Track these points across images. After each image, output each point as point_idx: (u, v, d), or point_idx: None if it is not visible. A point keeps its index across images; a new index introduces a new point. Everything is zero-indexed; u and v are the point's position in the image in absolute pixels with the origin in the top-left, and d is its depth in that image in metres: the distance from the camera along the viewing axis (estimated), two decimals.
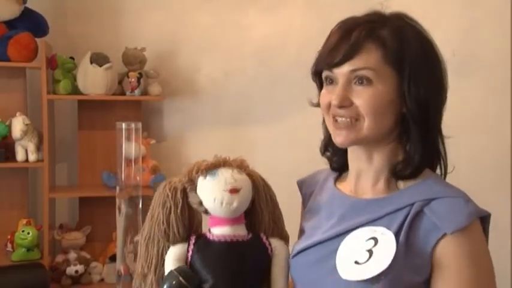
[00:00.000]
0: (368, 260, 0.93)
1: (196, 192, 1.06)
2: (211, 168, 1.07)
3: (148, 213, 1.10)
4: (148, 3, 2.72)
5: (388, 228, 0.96)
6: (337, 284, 0.96)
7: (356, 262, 0.94)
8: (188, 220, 1.08)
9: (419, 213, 0.96)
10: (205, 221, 1.09)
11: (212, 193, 1.04)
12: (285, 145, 2.76)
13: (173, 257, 1.05)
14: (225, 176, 1.05)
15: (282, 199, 1.23)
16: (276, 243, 1.09)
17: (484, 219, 0.98)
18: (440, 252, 0.94)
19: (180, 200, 1.07)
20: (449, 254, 0.93)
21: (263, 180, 1.12)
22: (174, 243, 1.06)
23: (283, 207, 1.23)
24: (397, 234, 0.94)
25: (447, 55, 1.05)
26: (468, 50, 2.80)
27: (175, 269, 1.02)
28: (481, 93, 2.83)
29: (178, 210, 1.06)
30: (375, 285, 0.92)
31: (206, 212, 1.06)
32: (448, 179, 1.06)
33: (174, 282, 0.99)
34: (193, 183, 1.07)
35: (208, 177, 1.05)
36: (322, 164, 1.18)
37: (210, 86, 2.77)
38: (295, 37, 2.72)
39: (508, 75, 2.86)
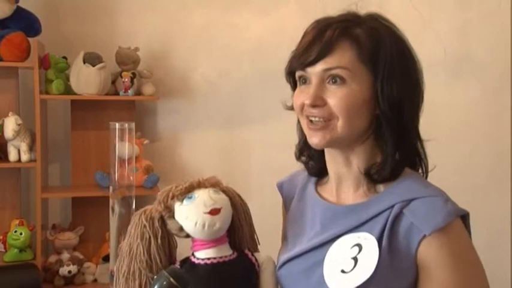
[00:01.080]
0: (354, 268, 0.92)
1: (174, 219, 1.03)
2: (186, 192, 1.03)
3: (123, 247, 1.06)
4: (142, 3, 2.71)
5: (371, 233, 0.94)
6: None
7: (342, 271, 0.93)
8: (168, 247, 1.05)
9: (399, 215, 0.95)
10: (182, 244, 1.08)
11: (192, 217, 1.01)
12: (279, 145, 2.75)
13: None
14: (203, 197, 1.02)
15: (276, 199, 1.23)
16: (262, 258, 1.08)
17: (463, 218, 0.97)
18: (422, 253, 0.93)
19: (159, 229, 1.03)
20: (431, 255, 0.92)
21: (239, 195, 1.10)
22: (157, 273, 1.03)
23: (277, 208, 1.22)
24: (379, 239, 0.93)
25: (440, 55, 1.06)
26: (462, 50, 2.81)
27: (165, 270, 1.00)
28: (476, 93, 2.84)
29: (159, 240, 1.03)
30: None
31: (187, 236, 1.04)
32: (446, 179, 1.06)
33: (164, 283, 0.98)
34: (170, 210, 1.03)
35: (185, 202, 1.02)
36: None
37: (204, 86, 2.77)
38: (289, 38, 2.69)
39: (503, 75, 2.88)
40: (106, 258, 2.43)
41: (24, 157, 2.40)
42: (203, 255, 1.03)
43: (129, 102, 2.61)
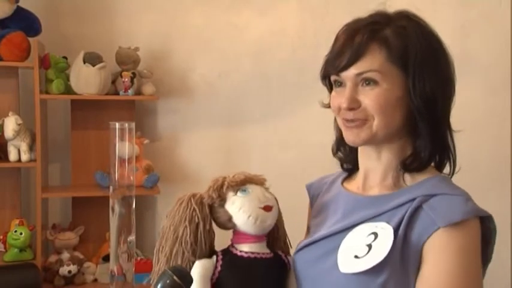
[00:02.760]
0: (366, 253, 0.95)
1: (224, 208, 1.06)
2: (240, 184, 1.06)
3: (165, 228, 1.07)
4: (142, 2, 2.71)
5: (388, 222, 0.97)
6: (338, 279, 0.97)
7: (356, 256, 0.96)
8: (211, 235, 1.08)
9: (418, 209, 0.97)
10: (220, 236, 1.09)
11: (247, 210, 1.04)
12: (279, 145, 2.76)
13: (201, 272, 1.04)
14: (257, 193, 1.06)
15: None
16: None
17: (487, 220, 0.99)
18: (430, 244, 0.95)
19: (208, 215, 1.06)
20: (437, 245, 0.94)
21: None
22: (200, 258, 1.05)
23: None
24: (396, 229, 0.96)
25: None
26: (463, 50, 2.81)
27: (169, 268, 1.00)
28: (477, 93, 2.84)
29: (207, 225, 1.05)
30: (374, 278, 0.93)
31: (230, 228, 1.06)
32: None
33: (168, 281, 0.98)
34: (222, 198, 1.06)
35: (239, 194, 1.06)
36: (316, 164, 1.18)
37: (204, 86, 2.77)
38: (289, 38, 2.72)
39: (503, 74, 2.87)
40: (106, 258, 2.43)
41: (24, 157, 2.40)
42: (247, 248, 1.06)
43: (129, 102, 2.61)
